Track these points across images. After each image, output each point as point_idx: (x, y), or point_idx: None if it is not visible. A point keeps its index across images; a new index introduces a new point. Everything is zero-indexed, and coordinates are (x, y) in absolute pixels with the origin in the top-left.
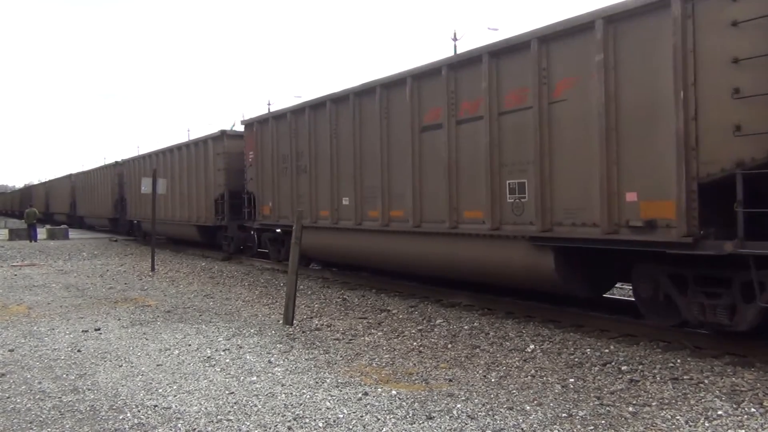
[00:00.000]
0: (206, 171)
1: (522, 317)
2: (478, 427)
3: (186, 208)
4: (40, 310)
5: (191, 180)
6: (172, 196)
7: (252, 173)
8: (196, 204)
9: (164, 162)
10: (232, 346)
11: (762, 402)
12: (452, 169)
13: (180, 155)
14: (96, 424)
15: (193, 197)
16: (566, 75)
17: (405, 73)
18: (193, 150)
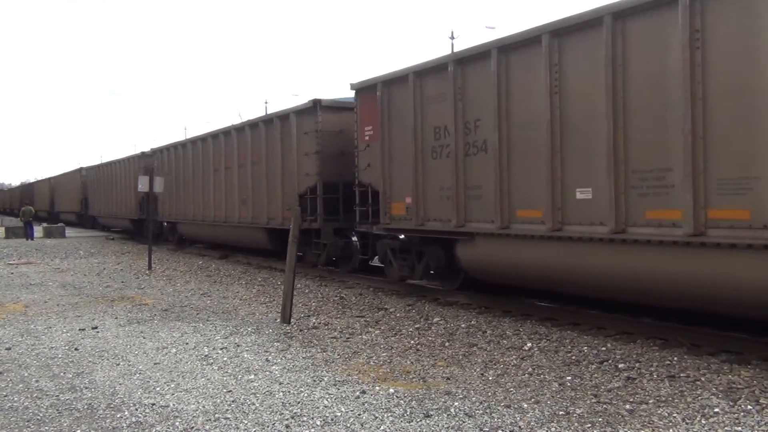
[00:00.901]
0: (286, 156)
1: (519, 315)
2: (475, 425)
3: (250, 206)
4: (37, 309)
5: (259, 169)
6: (227, 191)
7: (370, 157)
8: (268, 200)
9: (213, 149)
10: (230, 345)
11: (758, 399)
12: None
13: (241, 138)
14: (94, 423)
15: (262, 192)
16: None
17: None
18: (263, 130)
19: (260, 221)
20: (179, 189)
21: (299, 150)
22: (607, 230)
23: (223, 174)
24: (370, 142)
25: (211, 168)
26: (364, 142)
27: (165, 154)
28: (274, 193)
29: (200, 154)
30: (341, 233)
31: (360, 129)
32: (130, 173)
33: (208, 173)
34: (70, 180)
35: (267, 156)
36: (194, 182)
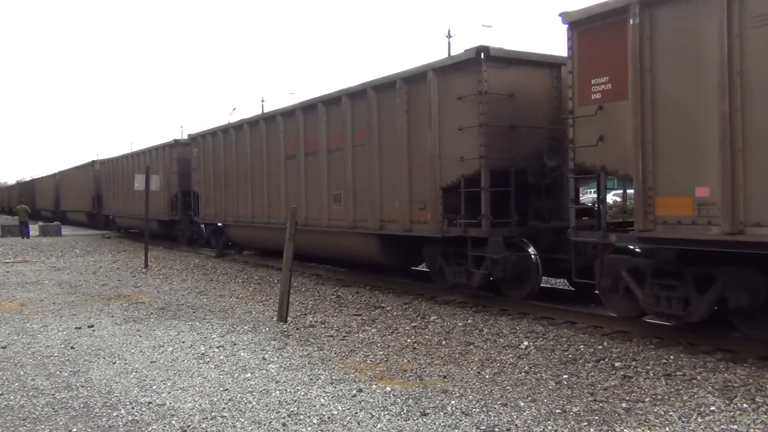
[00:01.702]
0: (417, 133)
1: (516, 314)
2: (472, 423)
3: (349, 205)
4: (33, 307)
5: (365, 153)
6: (309, 184)
7: (605, 125)
8: (382, 196)
9: (285, 130)
10: (226, 343)
11: (754, 398)
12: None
13: (333, 114)
14: (90, 421)
15: (372, 184)
16: None
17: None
18: (373, 101)
19: (367, 224)
20: (230, 183)
21: (445, 123)
22: None
23: (303, 162)
24: (605, 102)
25: (282, 155)
26: (590, 102)
27: (209, 141)
28: (395, 187)
29: (263, 137)
30: (512, 244)
31: (579, 83)
32: (159, 166)
33: (276, 162)
34: (80, 175)
35: (380, 135)
36: (253, 174)
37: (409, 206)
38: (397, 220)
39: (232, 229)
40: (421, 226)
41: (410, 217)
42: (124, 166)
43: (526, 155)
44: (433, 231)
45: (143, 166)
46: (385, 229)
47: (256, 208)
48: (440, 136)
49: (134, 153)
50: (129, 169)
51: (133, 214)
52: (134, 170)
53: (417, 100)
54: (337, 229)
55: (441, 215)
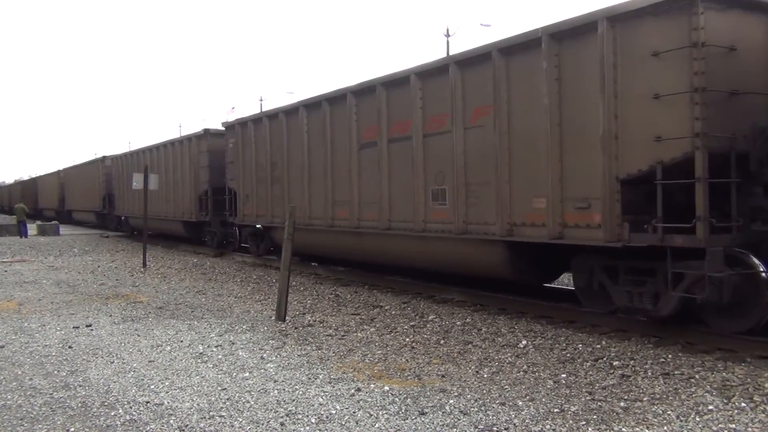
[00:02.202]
0: (568, 106)
1: (514, 313)
2: (470, 422)
3: (460, 203)
4: (31, 306)
5: (484, 135)
6: (394, 177)
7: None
8: (513, 191)
9: (358, 113)
10: (225, 342)
11: (752, 397)
12: None
13: (433, 86)
14: (87, 421)
15: (499, 176)
16: None
17: None
18: (500, 68)
19: (488, 229)
20: (278, 178)
21: (627, 91)
22: None
23: (385, 151)
24: None
25: (354, 142)
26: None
27: (249, 130)
28: (533, 180)
29: (326, 122)
30: (730, 256)
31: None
32: (184, 161)
33: (345, 151)
34: (88, 173)
35: (511, 112)
36: (311, 167)
37: (561, 205)
38: (539, 222)
39: (279, 232)
40: (580, 232)
41: (562, 219)
42: (141, 163)
43: (749, 133)
44: (608, 238)
45: (166, 162)
46: (518, 235)
47: (315, 207)
48: (618, 108)
49: (153, 146)
50: (147, 165)
51: (152, 214)
52: (155, 166)
53: (574, 63)
54: (437, 233)
55: (619, 217)
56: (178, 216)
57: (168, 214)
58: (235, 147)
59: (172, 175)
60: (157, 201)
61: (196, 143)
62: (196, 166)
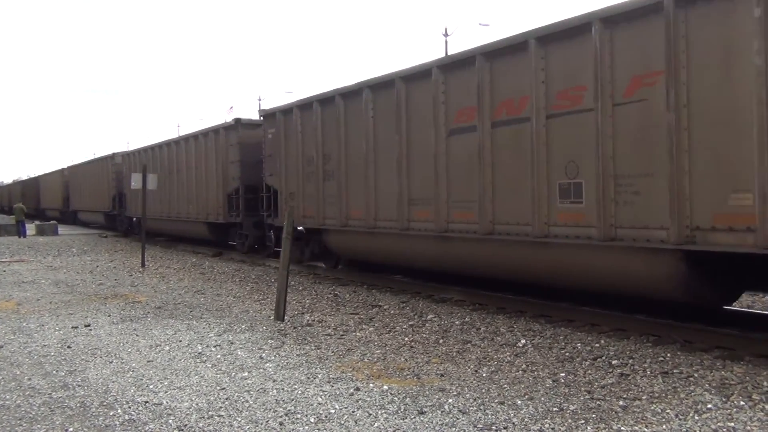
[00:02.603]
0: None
1: (513, 312)
2: (469, 421)
3: (602, 201)
4: (30, 306)
5: (632, 121)
6: (495, 168)
7: None
8: (692, 183)
9: (449, 89)
10: (223, 342)
11: (751, 395)
12: None
13: (556, 56)
14: (86, 421)
15: (667, 164)
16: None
17: None
18: (680, 20)
19: (657, 234)
20: (332, 173)
21: None
22: None
23: (487, 136)
24: None
25: (442, 127)
26: None
27: (295, 118)
28: (735, 169)
29: (401, 105)
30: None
31: None
32: (209, 156)
33: (427, 139)
34: (96, 171)
35: (690, 80)
36: (377, 158)
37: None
38: (740, 226)
39: (333, 236)
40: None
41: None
42: (158, 159)
43: None
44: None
45: (187, 158)
46: (705, 243)
47: (383, 207)
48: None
49: (171, 141)
50: (166, 163)
51: (171, 215)
52: (174, 163)
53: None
54: (567, 239)
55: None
56: (202, 217)
57: (190, 216)
58: (277, 138)
59: (194, 172)
60: (178, 201)
61: (224, 136)
62: (224, 161)
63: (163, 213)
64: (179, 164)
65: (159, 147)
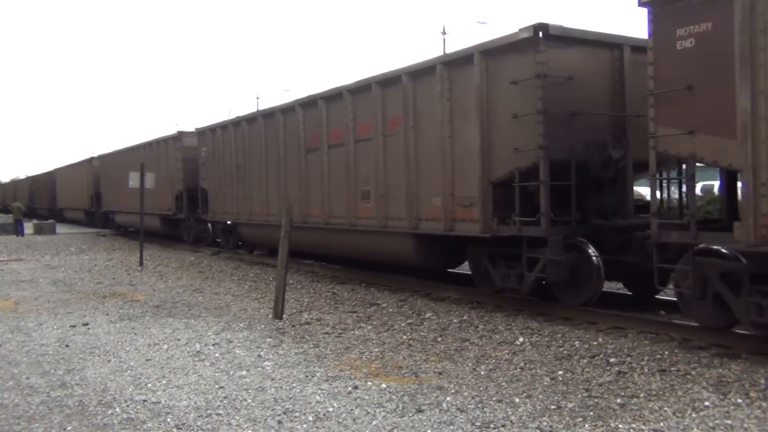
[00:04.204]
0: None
1: (511, 310)
2: (467, 419)
3: None
4: (28, 305)
5: None
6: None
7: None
8: None
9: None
10: (222, 341)
11: (748, 393)
12: None
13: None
14: (85, 419)
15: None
16: None
17: None
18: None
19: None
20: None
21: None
22: None
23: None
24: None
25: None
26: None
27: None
28: None
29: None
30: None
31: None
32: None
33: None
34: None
35: None
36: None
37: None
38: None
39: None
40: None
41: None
42: (124, 161)
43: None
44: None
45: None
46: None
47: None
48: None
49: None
50: (128, 165)
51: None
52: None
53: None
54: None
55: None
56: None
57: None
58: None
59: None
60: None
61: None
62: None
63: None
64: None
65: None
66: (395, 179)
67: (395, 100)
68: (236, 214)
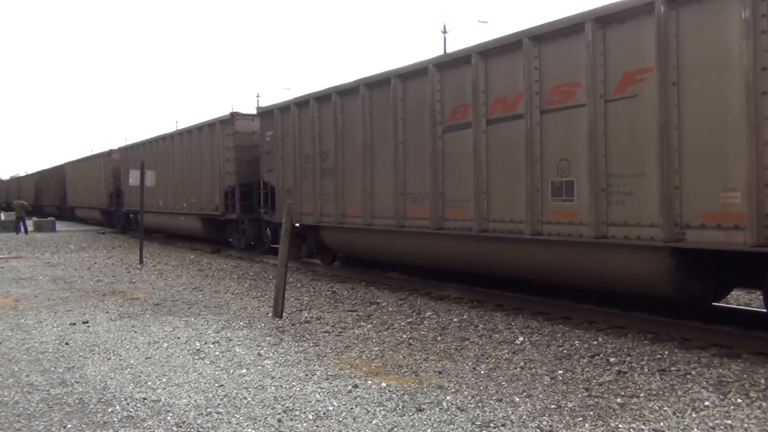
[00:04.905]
0: None
1: (511, 310)
2: (467, 418)
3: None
4: (27, 303)
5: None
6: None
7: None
8: None
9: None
10: (222, 339)
11: (748, 393)
12: None
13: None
14: (85, 417)
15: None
16: None
17: None
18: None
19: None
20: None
21: None
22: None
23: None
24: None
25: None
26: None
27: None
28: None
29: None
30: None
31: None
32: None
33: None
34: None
35: None
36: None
37: None
38: None
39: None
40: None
41: None
42: (152, 154)
43: None
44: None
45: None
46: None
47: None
48: None
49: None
50: (157, 157)
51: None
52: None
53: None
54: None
55: None
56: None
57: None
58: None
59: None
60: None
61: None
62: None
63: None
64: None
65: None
66: (628, 164)
67: (637, 42)
68: (319, 215)
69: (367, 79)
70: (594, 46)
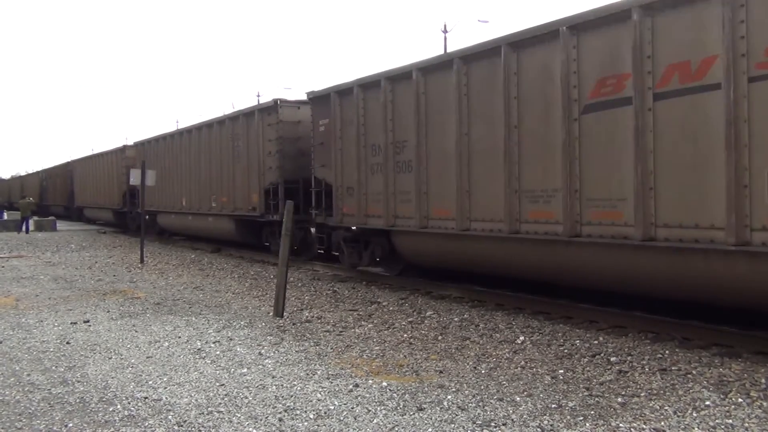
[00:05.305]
0: None
1: (512, 309)
2: (468, 418)
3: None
4: (28, 302)
5: None
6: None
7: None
8: None
9: None
10: (223, 338)
11: (749, 392)
12: None
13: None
14: (86, 416)
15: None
16: None
17: None
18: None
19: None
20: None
21: None
22: None
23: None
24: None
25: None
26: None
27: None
28: None
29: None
30: None
31: None
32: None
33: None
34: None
35: None
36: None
37: None
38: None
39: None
40: None
41: None
42: (174, 149)
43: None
44: None
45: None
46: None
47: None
48: None
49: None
50: (179, 153)
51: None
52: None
53: None
54: None
55: None
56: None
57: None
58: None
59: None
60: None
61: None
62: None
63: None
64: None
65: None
66: None
67: None
68: (392, 218)
69: (462, 51)
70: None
